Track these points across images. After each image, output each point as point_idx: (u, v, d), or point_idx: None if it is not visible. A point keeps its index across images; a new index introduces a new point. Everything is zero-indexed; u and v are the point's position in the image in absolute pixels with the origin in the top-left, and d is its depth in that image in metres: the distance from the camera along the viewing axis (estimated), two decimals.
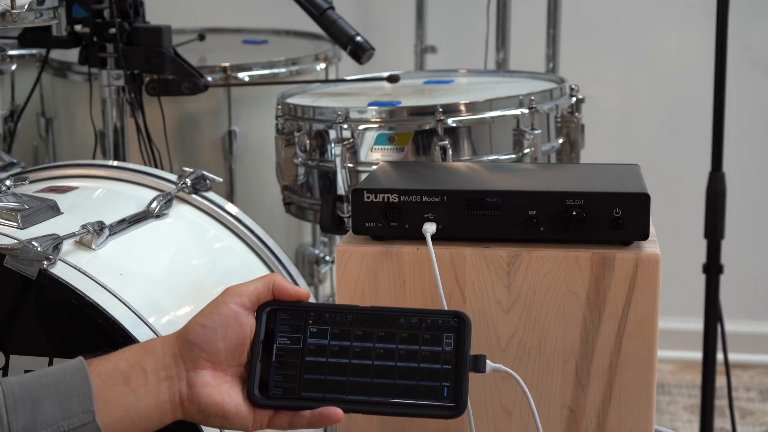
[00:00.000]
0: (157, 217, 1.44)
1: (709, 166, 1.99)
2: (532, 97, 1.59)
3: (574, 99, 1.69)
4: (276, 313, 1.04)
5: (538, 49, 2.60)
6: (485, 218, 1.18)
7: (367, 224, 1.20)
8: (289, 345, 1.03)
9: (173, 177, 1.55)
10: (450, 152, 1.54)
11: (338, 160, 1.57)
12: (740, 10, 2.52)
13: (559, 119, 1.66)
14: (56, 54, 2.08)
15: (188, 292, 1.35)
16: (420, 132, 1.56)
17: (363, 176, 1.56)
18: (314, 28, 1.91)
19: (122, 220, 1.38)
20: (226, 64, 2.00)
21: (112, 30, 1.75)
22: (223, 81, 1.99)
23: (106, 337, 1.18)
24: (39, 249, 1.20)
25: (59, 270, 1.22)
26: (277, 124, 1.70)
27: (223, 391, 1.01)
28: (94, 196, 1.50)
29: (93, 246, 1.30)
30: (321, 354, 1.03)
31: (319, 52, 2.16)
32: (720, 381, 2.17)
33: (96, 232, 1.30)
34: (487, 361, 1.03)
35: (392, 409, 1.01)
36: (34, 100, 2.07)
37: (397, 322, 1.03)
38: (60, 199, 1.39)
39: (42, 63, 1.98)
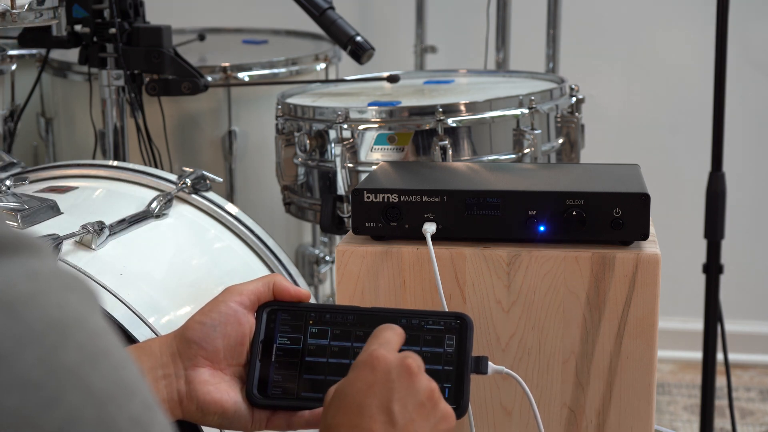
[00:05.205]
0: (157, 217, 1.44)
1: (709, 166, 1.99)
2: (532, 97, 1.59)
3: (574, 99, 1.69)
4: (276, 313, 1.04)
5: (538, 49, 2.60)
6: (485, 218, 1.17)
7: (367, 224, 1.20)
8: (288, 345, 1.03)
9: (173, 177, 1.55)
10: (450, 152, 1.54)
11: (338, 160, 1.57)
12: (740, 10, 2.52)
13: (559, 119, 1.66)
14: (56, 54, 2.08)
15: (188, 293, 1.35)
16: (420, 132, 1.56)
17: (363, 176, 1.56)
18: (314, 28, 1.91)
19: (122, 220, 1.38)
20: (226, 64, 2.00)
21: (112, 30, 1.75)
22: (223, 81, 1.99)
23: None
24: None
25: None
26: (277, 124, 1.70)
27: (222, 389, 1.01)
28: (94, 196, 1.50)
29: (93, 246, 1.30)
30: (321, 354, 1.02)
31: (319, 52, 2.15)
32: (720, 381, 2.17)
33: (96, 232, 1.30)
34: (489, 362, 1.03)
35: None
36: (34, 100, 2.07)
37: (399, 323, 1.02)
38: (60, 199, 1.39)
39: (42, 63, 1.98)
